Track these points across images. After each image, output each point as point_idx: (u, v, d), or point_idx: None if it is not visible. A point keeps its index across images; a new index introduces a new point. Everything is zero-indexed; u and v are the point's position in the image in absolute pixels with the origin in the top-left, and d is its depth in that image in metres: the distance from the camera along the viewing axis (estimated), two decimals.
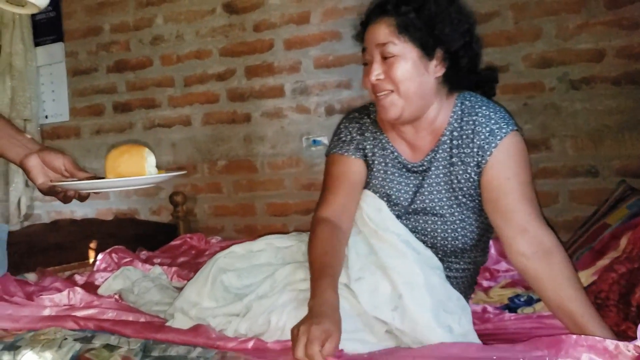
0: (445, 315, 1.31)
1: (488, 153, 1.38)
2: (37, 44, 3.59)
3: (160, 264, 2.20)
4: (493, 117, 1.40)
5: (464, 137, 1.42)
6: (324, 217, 1.48)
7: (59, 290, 1.81)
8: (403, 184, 1.49)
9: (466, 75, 1.45)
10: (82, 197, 1.28)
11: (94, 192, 1.36)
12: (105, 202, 3.47)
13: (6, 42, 3.50)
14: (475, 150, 1.40)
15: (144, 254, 2.51)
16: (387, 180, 1.50)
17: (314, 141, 2.95)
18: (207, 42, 3.15)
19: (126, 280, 1.91)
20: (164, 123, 3.29)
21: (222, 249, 2.51)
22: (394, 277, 1.35)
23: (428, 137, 1.46)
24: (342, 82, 2.88)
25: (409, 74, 1.36)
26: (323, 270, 1.34)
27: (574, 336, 1.11)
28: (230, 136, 3.14)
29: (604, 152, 2.45)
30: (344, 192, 1.50)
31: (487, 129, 1.39)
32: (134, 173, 1.23)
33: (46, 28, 3.56)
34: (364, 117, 1.56)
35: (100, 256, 2.31)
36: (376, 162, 1.51)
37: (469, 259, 1.51)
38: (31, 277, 2.13)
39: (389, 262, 1.38)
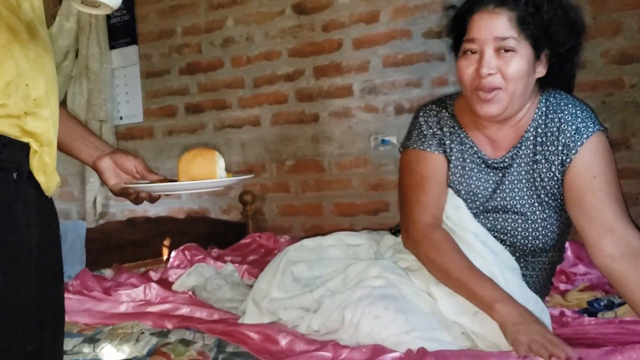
0: None
1: (574, 152, 1.34)
2: (112, 47, 3.69)
3: (231, 262, 2.23)
4: (579, 115, 1.36)
5: (549, 134, 1.38)
6: (431, 222, 1.43)
7: (135, 286, 1.86)
8: (482, 180, 1.45)
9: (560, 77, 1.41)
10: (153, 199, 1.30)
11: (165, 194, 1.39)
12: (178, 202, 3.54)
13: (83, 45, 3.62)
14: (560, 148, 1.36)
15: (215, 251, 2.54)
16: (466, 176, 1.46)
17: (383, 140, 2.92)
18: (277, 43, 3.17)
19: (199, 277, 1.94)
20: (234, 124, 3.34)
21: None
22: None
23: (511, 133, 1.43)
24: (411, 81, 2.85)
25: (523, 72, 1.31)
26: (481, 275, 1.31)
27: None
28: (298, 136, 3.16)
29: None
30: (437, 192, 1.45)
31: (574, 127, 1.35)
32: (205, 176, 1.25)
33: (121, 31, 3.67)
34: (442, 111, 1.51)
35: (173, 253, 2.36)
36: (454, 157, 1.47)
37: (546, 259, 1.46)
38: (108, 273, 2.19)
39: None
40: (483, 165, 1.46)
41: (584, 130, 1.34)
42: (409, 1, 2.83)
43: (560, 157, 1.36)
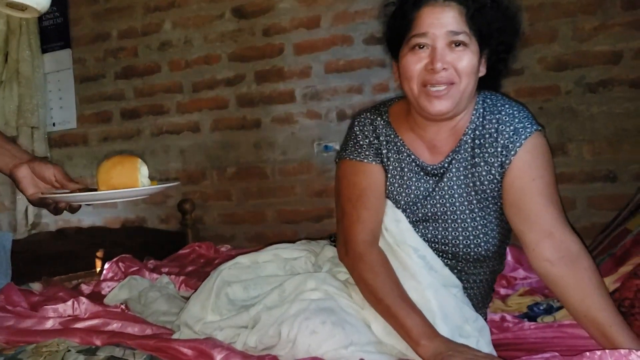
0: (461, 341, 1.25)
1: (512, 153, 1.31)
2: (44, 51, 3.57)
3: (168, 273, 2.15)
4: (517, 115, 1.33)
5: (487, 136, 1.34)
6: (369, 240, 1.37)
7: (64, 300, 1.76)
8: (421, 188, 1.40)
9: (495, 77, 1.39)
10: (73, 209, 1.25)
11: (86, 204, 1.32)
12: (113, 211, 3.43)
13: (13, 49, 3.49)
14: (499, 149, 1.32)
15: (151, 263, 2.46)
16: (404, 185, 1.41)
17: (326, 147, 2.90)
18: (216, 47, 3.11)
19: (132, 290, 1.86)
20: (172, 129, 3.26)
21: (232, 257, 2.49)
22: None
23: (449, 136, 1.38)
24: (353, 87, 2.84)
25: (474, 68, 1.28)
26: (411, 306, 1.26)
27: (598, 352, 1.05)
28: (239, 142, 3.10)
29: (623, 156, 2.39)
30: (376, 207, 1.39)
31: (512, 127, 1.32)
32: (127, 185, 1.20)
33: (53, 34, 3.54)
34: (377, 119, 1.45)
35: (107, 265, 2.27)
36: (391, 167, 1.42)
37: (487, 268, 1.43)
38: (36, 286, 2.09)
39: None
40: (422, 173, 1.41)
41: (522, 131, 1.31)
42: (350, 7, 2.82)
43: (499, 159, 1.33)
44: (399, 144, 1.42)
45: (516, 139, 1.31)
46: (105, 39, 3.41)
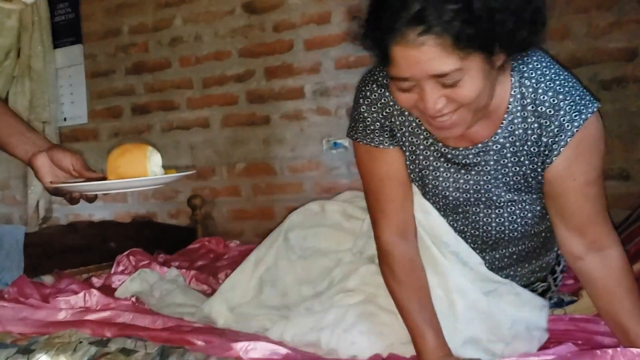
0: (490, 346, 1.27)
1: (556, 152, 1.17)
2: (56, 46, 3.58)
3: (179, 267, 2.17)
4: (562, 106, 1.14)
5: (529, 131, 1.19)
6: (394, 237, 1.29)
7: (75, 293, 1.77)
8: (445, 175, 1.29)
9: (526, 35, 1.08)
10: (89, 199, 1.23)
11: (102, 194, 1.30)
12: (123, 205, 3.44)
13: (25, 44, 3.50)
14: (541, 148, 1.19)
15: (161, 257, 2.47)
16: (425, 171, 1.30)
17: (335, 143, 2.89)
18: (226, 42, 3.11)
19: (143, 283, 1.87)
20: (182, 125, 3.26)
21: (241, 253, 2.49)
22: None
23: (481, 121, 1.19)
24: None
25: (478, 88, 1.04)
26: (429, 322, 1.24)
27: (610, 351, 1.04)
28: (249, 138, 3.10)
29: (636, 155, 2.36)
30: (401, 196, 1.30)
31: (556, 123, 1.15)
32: (136, 174, 1.15)
33: (65, 30, 3.55)
34: (386, 93, 1.25)
35: (117, 259, 2.28)
36: (408, 152, 1.29)
37: (524, 246, 1.40)
38: (48, 279, 2.10)
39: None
40: (442, 159, 1.28)
41: (568, 126, 1.14)
42: (361, 2, 2.80)
43: (541, 158, 1.21)
44: (414, 124, 1.27)
45: (561, 137, 1.16)
46: (116, 34, 3.42)
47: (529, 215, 1.32)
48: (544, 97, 1.16)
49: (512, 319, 1.31)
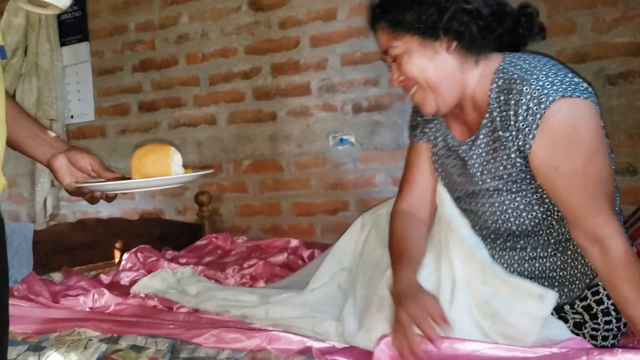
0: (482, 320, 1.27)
1: (530, 137, 1.21)
2: (62, 44, 3.58)
3: (187, 264, 2.18)
4: (533, 86, 1.20)
5: (505, 117, 1.26)
6: (401, 209, 1.49)
7: (84, 289, 1.79)
8: (453, 165, 1.43)
9: (485, 34, 1.29)
10: (109, 198, 1.25)
11: (122, 193, 1.33)
12: (131, 202, 3.46)
13: (32, 42, 3.51)
14: (514, 134, 1.24)
15: (169, 253, 2.48)
16: (443, 164, 1.45)
17: (341, 140, 2.90)
18: (233, 40, 3.12)
19: (163, 282, 1.87)
20: (189, 122, 3.27)
21: (248, 248, 2.51)
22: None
23: (473, 113, 1.36)
24: (369, 79, 2.83)
25: (418, 64, 1.30)
26: (400, 257, 1.36)
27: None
28: (255, 135, 3.11)
29: None
30: (417, 181, 1.50)
31: (525, 107, 1.20)
32: (160, 173, 1.20)
33: (72, 28, 3.56)
34: None
35: (125, 255, 2.30)
36: (433, 145, 1.48)
37: (530, 245, 1.38)
38: (57, 276, 2.12)
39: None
40: (450, 151, 1.43)
41: (536, 109, 1.19)
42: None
43: (516, 144, 1.25)
44: (440, 120, 1.46)
45: (531, 120, 1.20)
46: (122, 32, 3.43)
47: (522, 211, 1.33)
48: (518, 81, 1.23)
49: (511, 306, 1.30)
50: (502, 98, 1.26)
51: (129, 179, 1.23)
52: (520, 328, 1.25)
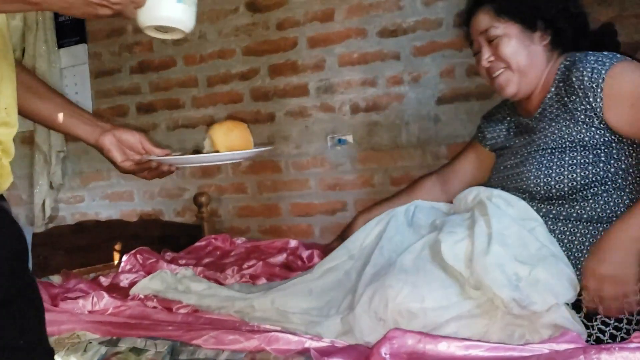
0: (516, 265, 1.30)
1: (599, 90, 1.38)
2: (60, 46, 3.58)
3: (185, 265, 2.17)
4: (594, 57, 1.41)
5: (569, 84, 1.44)
6: (431, 175, 1.91)
7: (84, 292, 1.79)
8: (514, 139, 1.65)
9: (575, 37, 1.53)
10: (164, 173, 1.36)
11: (186, 166, 1.44)
12: (130, 204, 3.46)
13: (30, 44, 3.51)
14: (581, 95, 1.41)
15: (168, 255, 2.48)
16: (505, 137, 1.71)
17: (339, 140, 2.90)
18: (230, 41, 3.12)
19: (163, 283, 1.87)
20: (187, 124, 3.27)
21: (247, 249, 2.51)
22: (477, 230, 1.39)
23: (539, 95, 1.55)
24: (367, 80, 2.84)
25: (515, 48, 1.50)
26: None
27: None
28: (254, 136, 3.09)
29: None
30: (456, 168, 1.86)
31: (589, 69, 1.39)
32: (244, 147, 1.36)
33: (69, 29, 3.56)
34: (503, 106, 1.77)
35: (124, 257, 2.30)
36: (499, 138, 1.73)
37: (570, 210, 1.44)
38: (55, 279, 2.11)
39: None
40: (520, 127, 1.64)
41: (600, 68, 1.37)
42: (364, 0, 2.81)
43: (587, 105, 1.40)
44: (513, 103, 1.69)
45: (596, 77, 1.38)
46: (120, 33, 3.43)
47: (578, 170, 1.41)
48: (582, 58, 1.43)
49: (541, 243, 1.37)
50: (566, 73, 1.46)
51: (198, 153, 1.37)
52: (552, 265, 1.31)
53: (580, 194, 1.41)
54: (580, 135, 1.41)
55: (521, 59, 1.50)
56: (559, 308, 1.25)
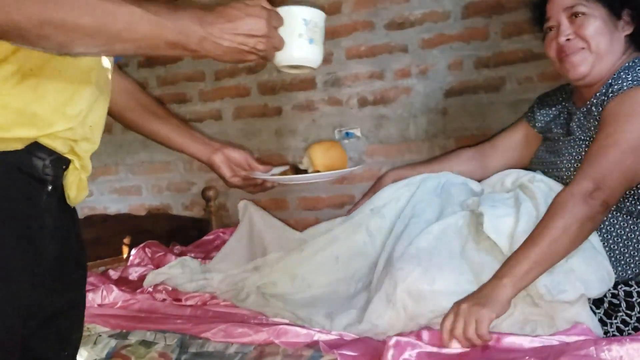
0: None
1: (606, 102, 1.40)
2: None
3: (194, 259, 2.18)
4: (633, 71, 1.39)
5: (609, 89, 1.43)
6: (467, 149, 1.87)
7: (93, 285, 1.80)
8: (563, 128, 1.63)
9: None
10: (272, 187, 1.51)
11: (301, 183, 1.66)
12: (138, 198, 3.46)
13: None
14: (601, 98, 1.43)
15: (177, 248, 2.49)
16: (558, 126, 1.66)
17: (347, 133, 2.90)
18: None
19: (185, 268, 1.87)
20: (195, 118, 3.27)
21: None
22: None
23: (598, 85, 1.51)
24: (374, 73, 2.82)
25: (600, 29, 1.44)
26: None
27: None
28: (261, 130, 3.11)
29: None
30: (498, 144, 1.82)
31: (619, 80, 1.40)
32: (340, 166, 1.44)
33: None
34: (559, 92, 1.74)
35: (133, 251, 2.31)
36: (546, 125, 1.70)
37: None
38: None
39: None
40: (568, 116, 1.62)
41: (623, 84, 1.38)
42: None
43: (598, 108, 1.43)
44: (568, 91, 1.69)
45: (615, 90, 1.39)
46: None
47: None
48: (632, 65, 1.43)
49: (589, 255, 1.35)
50: (622, 75, 1.42)
51: (303, 172, 1.48)
52: (588, 280, 1.28)
53: None
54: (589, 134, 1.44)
55: (603, 40, 1.45)
56: (584, 304, 1.25)
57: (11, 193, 0.88)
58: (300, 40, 1.09)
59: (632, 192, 1.39)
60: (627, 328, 1.32)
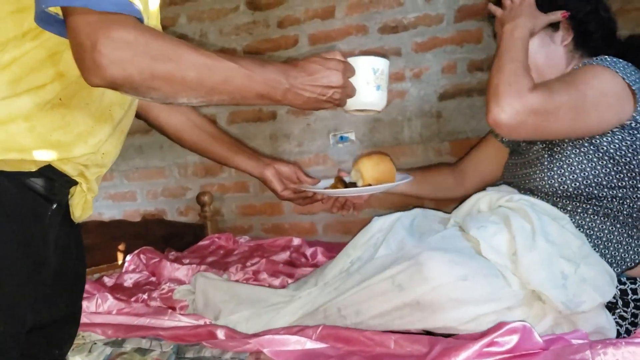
0: (561, 262, 1.27)
1: None
2: None
3: (189, 264, 2.18)
4: (609, 61, 1.38)
5: None
6: (451, 168, 1.86)
7: (88, 293, 1.79)
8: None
9: (600, 41, 1.51)
10: (322, 199, 1.61)
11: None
12: (133, 204, 3.46)
13: None
14: None
15: (172, 254, 2.49)
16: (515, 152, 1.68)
17: (342, 137, 2.90)
18: (231, 40, 3.12)
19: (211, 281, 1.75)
20: None
21: (251, 248, 2.51)
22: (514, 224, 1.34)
23: None
24: None
25: (533, 48, 1.46)
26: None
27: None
28: (256, 134, 3.11)
29: None
30: (473, 160, 1.83)
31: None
32: (389, 179, 1.48)
33: None
34: None
35: (128, 257, 2.30)
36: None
37: (586, 211, 1.42)
38: None
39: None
40: None
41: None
42: None
43: None
44: None
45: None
46: None
47: (577, 171, 1.39)
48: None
49: (582, 241, 1.36)
50: None
51: (352, 186, 1.55)
52: (595, 264, 1.29)
53: (583, 192, 1.40)
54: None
55: (539, 57, 1.49)
56: (603, 309, 1.26)
57: (19, 210, 0.93)
58: (369, 87, 1.17)
59: (608, 194, 1.39)
60: (624, 323, 1.35)
